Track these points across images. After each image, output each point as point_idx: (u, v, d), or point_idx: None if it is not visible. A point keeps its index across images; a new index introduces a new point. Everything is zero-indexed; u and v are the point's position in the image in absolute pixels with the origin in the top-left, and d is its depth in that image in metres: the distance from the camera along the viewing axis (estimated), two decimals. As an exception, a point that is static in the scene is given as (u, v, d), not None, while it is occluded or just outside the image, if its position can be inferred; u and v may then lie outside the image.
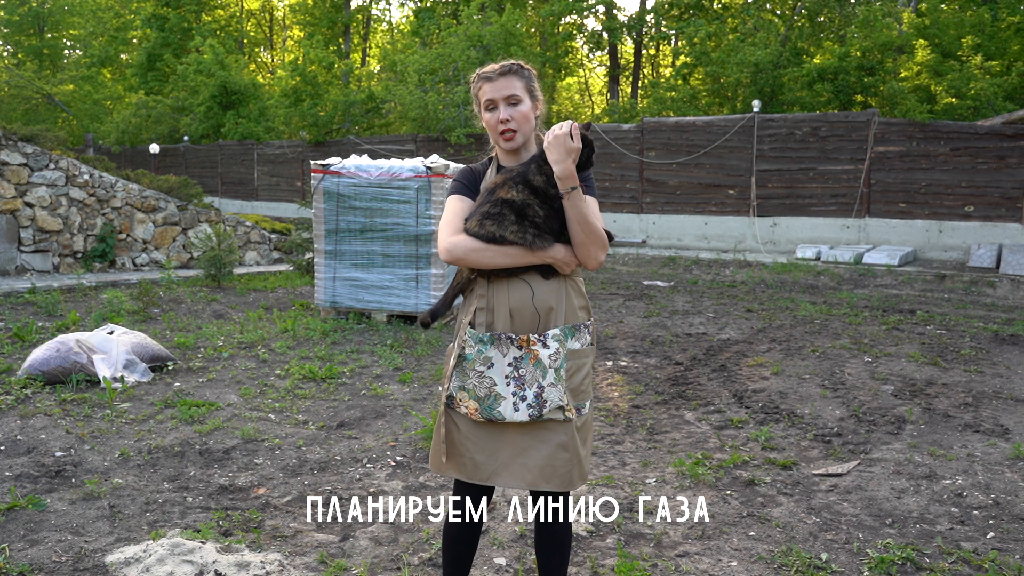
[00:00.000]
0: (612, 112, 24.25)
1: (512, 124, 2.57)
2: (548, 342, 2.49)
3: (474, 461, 2.56)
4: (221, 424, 5.16)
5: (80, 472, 4.31)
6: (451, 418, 2.59)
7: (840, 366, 6.85)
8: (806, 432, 5.14)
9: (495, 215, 2.48)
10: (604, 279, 12.97)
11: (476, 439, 2.56)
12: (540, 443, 2.52)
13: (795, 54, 19.94)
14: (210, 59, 28.79)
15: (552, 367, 2.49)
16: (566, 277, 2.57)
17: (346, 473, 4.41)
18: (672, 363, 7.11)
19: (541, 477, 2.52)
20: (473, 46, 22.15)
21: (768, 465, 4.55)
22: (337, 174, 8.55)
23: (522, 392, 2.49)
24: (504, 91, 2.57)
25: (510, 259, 2.48)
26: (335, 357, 7.05)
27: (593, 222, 2.49)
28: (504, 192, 2.50)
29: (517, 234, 2.46)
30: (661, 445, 4.94)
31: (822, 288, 11.86)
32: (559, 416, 2.50)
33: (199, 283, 11.25)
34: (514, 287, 2.52)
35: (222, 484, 4.20)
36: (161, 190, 12.79)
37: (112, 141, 30.65)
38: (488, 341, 2.50)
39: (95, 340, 6.13)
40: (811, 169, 16.49)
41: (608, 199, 19.04)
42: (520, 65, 2.62)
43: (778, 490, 4.19)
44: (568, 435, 2.52)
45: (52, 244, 11.59)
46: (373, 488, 4.20)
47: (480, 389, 2.51)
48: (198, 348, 7.32)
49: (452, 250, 2.49)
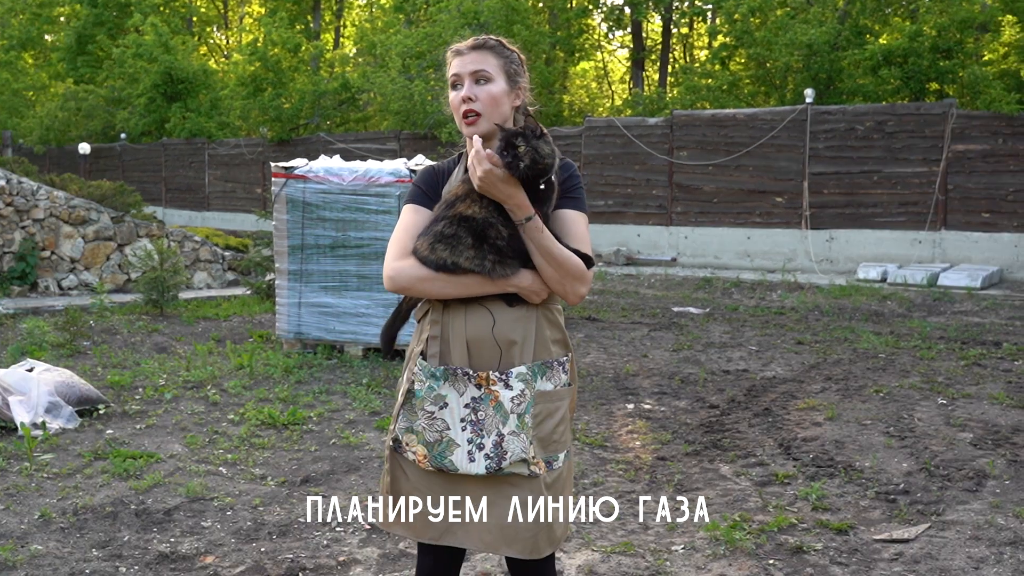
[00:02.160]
0: (635, 103, 24.45)
1: (476, 105, 2.58)
2: (511, 382, 2.50)
3: (424, 517, 2.59)
4: (162, 479, 5.21)
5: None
6: (398, 464, 2.63)
7: (908, 410, 6.89)
8: (866, 489, 5.17)
9: (449, 237, 2.49)
10: (625, 305, 13.04)
11: (428, 490, 2.58)
12: (502, 499, 2.54)
13: (856, 33, 20.11)
14: (152, 41, 29.10)
15: (515, 412, 2.50)
16: (539, 305, 2.58)
17: (311, 538, 4.45)
18: (706, 406, 7.15)
19: (502, 540, 2.54)
20: (468, 24, 22.38)
21: (820, 529, 4.59)
22: (303, 179, 8.65)
23: (479, 439, 2.50)
24: (472, 66, 2.60)
25: (465, 289, 2.50)
26: (300, 399, 7.10)
27: (558, 253, 2.48)
28: (464, 207, 2.51)
29: (473, 260, 2.47)
30: (691, 505, 4.97)
31: (888, 316, 11.91)
32: (523, 471, 2.51)
33: (138, 310, 11.33)
34: (472, 314, 2.54)
35: (162, 551, 4.24)
36: (93, 198, 12.92)
37: (35, 140, 30.94)
38: (441, 376, 2.52)
39: (11, 379, 6.19)
40: (875, 172, 16.60)
41: (631, 208, 19.16)
42: (500, 42, 2.67)
43: (831, 559, 4.22)
44: (534, 493, 2.53)
45: (-39, 263, 11.70)
46: (343, 556, 4.24)
47: (430, 432, 2.52)
48: (136, 388, 7.38)
49: (396, 278, 2.53)
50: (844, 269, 16.63)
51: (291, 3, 34.96)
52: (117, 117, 30.61)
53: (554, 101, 26.40)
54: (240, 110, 27.81)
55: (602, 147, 19.59)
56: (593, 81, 38.55)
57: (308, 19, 35.80)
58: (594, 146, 19.71)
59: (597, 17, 29.88)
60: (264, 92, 27.08)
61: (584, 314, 12.02)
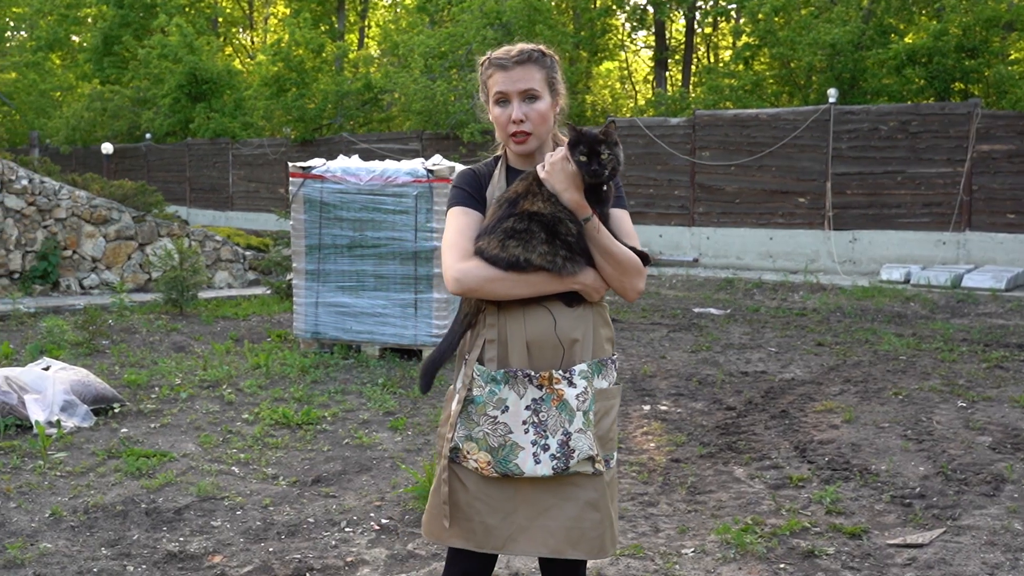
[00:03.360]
0: (658, 103, 24.37)
1: (526, 126, 2.58)
2: (575, 380, 2.50)
3: (485, 526, 2.55)
4: (174, 478, 5.22)
5: (3, 534, 4.38)
6: (456, 475, 2.58)
7: (927, 412, 6.81)
8: (881, 493, 5.12)
9: (521, 232, 2.47)
10: (646, 305, 12.98)
11: (488, 499, 2.55)
12: (565, 501, 2.52)
13: (881, 33, 19.96)
14: (177, 41, 29.27)
15: (580, 409, 2.50)
16: (593, 304, 2.59)
17: (320, 538, 4.44)
18: (722, 408, 7.10)
19: (567, 542, 2.51)
20: (490, 24, 22.37)
21: (833, 533, 4.54)
22: (320, 179, 8.66)
23: (544, 440, 2.49)
24: (520, 83, 2.57)
25: (532, 289, 2.49)
26: (315, 399, 7.11)
27: (618, 252, 2.51)
28: (528, 203, 2.49)
29: (546, 256, 2.47)
30: (704, 507, 4.94)
31: (911, 317, 11.80)
32: (588, 469, 2.51)
33: (157, 309, 11.39)
34: (532, 316, 2.52)
35: (171, 551, 4.25)
36: (114, 198, 13.00)
37: (61, 140, 31.19)
38: (502, 380, 2.50)
39: (28, 378, 6.23)
40: (899, 172, 16.45)
41: (652, 208, 19.09)
42: (542, 52, 2.63)
43: (843, 563, 4.18)
44: (599, 492, 2.53)
45: (-16, 262, 11.80)
46: (351, 557, 4.23)
47: (493, 438, 2.50)
48: (152, 387, 7.41)
49: (463, 279, 2.49)
50: (867, 270, 16.50)
51: (315, 4, 35.07)
52: (142, 117, 30.81)
53: (576, 101, 26.35)
54: (263, 110, 27.93)
55: (624, 147, 19.47)
56: (617, 82, 38.44)
57: (333, 20, 35.91)
58: (616, 146, 19.61)
59: (621, 17, 29.80)
60: (287, 92, 27.17)
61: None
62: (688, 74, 29.31)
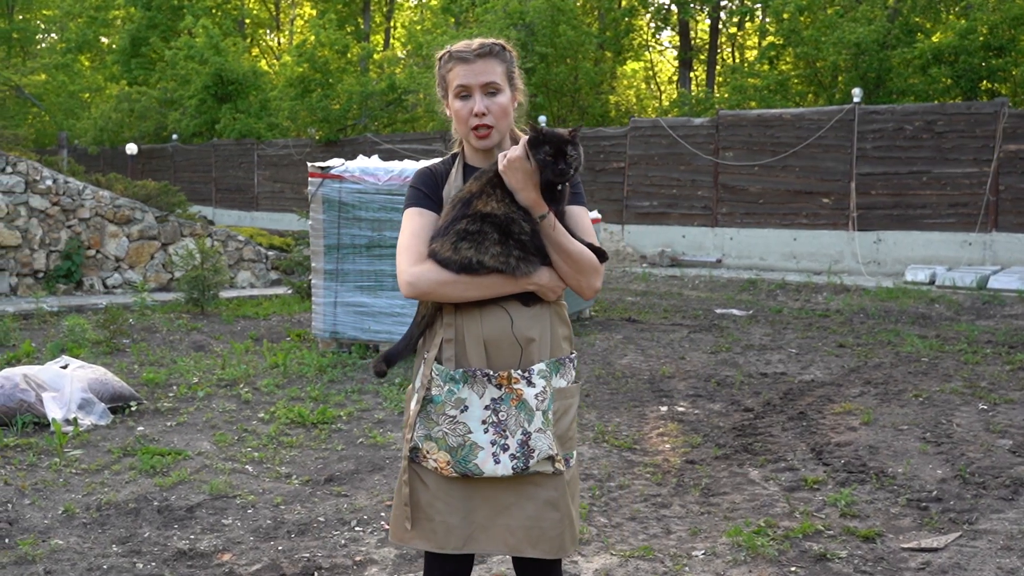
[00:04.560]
0: (683, 103, 24.28)
1: (488, 119, 2.58)
2: (533, 379, 2.50)
3: (446, 525, 2.55)
4: (187, 477, 5.24)
5: (15, 531, 4.40)
6: (417, 475, 2.59)
7: (947, 415, 6.73)
8: (897, 496, 5.05)
9: (474, 234, 2.47)
10: (667, 306, 12.92)
11: (448, 498, 2.55)
12: (525, 500, 2.52)
13: (906, 32, 19.79)
14: (203, 43, 29.45)
15: (540, 409, 2.50)
16: (550, 303, 2.59)
17: (329, 537, 4.44)
18: (740, 409, 7.05)
19: (527, 540, 2.52)
20: (514, 24, 22.38)
21: (846, 536, 4.48)
22: (339, 179, 8.68)
23: (503, 440, 2.49)
24: (482, 76, 2.57)
25: (487, 291, 2.49)
26: (331, 398, 7.12)
27: (574, 249, 2.50)
28: (482, 204, 2.49)
29: (499, 258, 2.46)
30: (717, 509, 4.90)
31: (935, 319, 11.68)
32: (548, 468, 2.51)
33: (179, 308, 11.46)
34: (489, 315, 2.52)
35: (180, 548, 4.26)
36: (137, 198, 13.09)
37: (89, 140, 31.45)
38: (461, 379, 2.50)
39: (46, 376, 6.27)
40: (924, 173, 16.30)
41: (675, 209, 19.03)
42: (502, 46, 2.64)
43: (855, 567, 4.12)
44: (558, 491, 2.54)
45: (9, 262, 11.91)
46: (360, 556, 4.22)
47: (452, 438, 2.50)
48: (170, 386, 7.44)
49: (416, 283, 2.49)
50: (892, 271, 16.35)
51: (341, 5, 35.22)
52: (169, 118, 31.04)
53: (600, 101, 26.30)
54: (289, 111, 28.04)
55: (647, 147, 19.47)
56: (642, 82, 38.33)
57: (358, 21, 36.04)
58: (639, 147, 19.59)
59: (646, 17, 29.70)
60: (312, 93, 27.27)
61: (624, 315, 11.93)
62: (712, 74, 29.19)
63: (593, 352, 9.37)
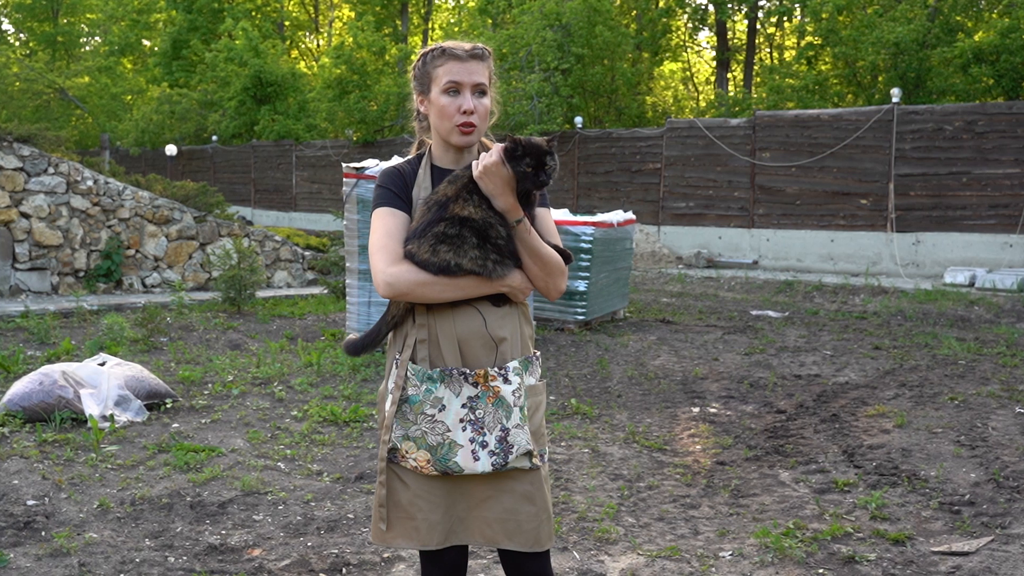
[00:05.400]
0: (719, 104, 24.15)
1: (474, 118, 2.61)
2: (509, 376, 2.55)
3: (428, 523, 2.59)
4: (220, 473, 5.30)
5: (52, 524, 4.48)
6: (395, 475, 2.62)
7: (983, 418, 6.65)
8: (929, 499, 5.01)
9: (453, 237, 2.50)
10: (703, 308, 12.87)
11: (429, 496, 2.59)
12: (501, 493, 2.58)
13: (947, 31, 19.56)
14: (242, 45, 29.74)
15: (517, 405, 2.55)
16: (517, 303, 2.65)
17: (358, 534, 4.48)
18: (773, 411, 7.02)
19: (503, 533, 2.58)
20: (550, 25, 22.37)
21: (875, 538, 4.45)
22: (373, 179, 8.73)
23: (482, 437, 2.52)
24: (475, 76, 2.62)
25: (462, 292, 2.53)
26: (364, 396, 7.17)
27: (545, 253, 2.56)
28: (459, 208, 2.52)
29: (477, 261, 2.50)
30: (746, 511, 4.88)
31: (975, 321, 11.55)
32: (525, 464, 2.57)
33: (216, 307, 11.58)
34: (461, 315, 2.56)
35: (212, 543, 4.31)
36: (176, 198, 13.25)
37: (131, 142, 31.87)
38: (438, 378, 2.52)
39: (84, 373, 6.37)
40: (964, 173, 16.10)
41: (712, 210, 18.94)
42: (490, 52, 2.70)
43: (884, 570, 4.09)
44: (534, 485, 2.60)
45: (51, 261, 12.10)
46: (388, 553, 4.26)
47: (431, 436, 2.53)
48: (205, 383, 7.53)
49: (395, 284, 2.51)
50: (931, 273, 16.17)
51: (379, 7, 35.41)
52: (209, 119, 31.38)
53: (637, 102, 26.23)
54: (326, 112, 28.24)
55: (683, 148, 19.41)
56: (680, 83, 38.17)
57: (396, 22, 36.22)
58: (675, 147, 19.53)
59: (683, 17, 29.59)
60: (350, 95, 27.45)
61: (659, 317, 11.91)
62: (750, 75, 29.01)
63: (626, 353, 9.36)
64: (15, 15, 42.70)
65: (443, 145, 2.68)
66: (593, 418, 6.77)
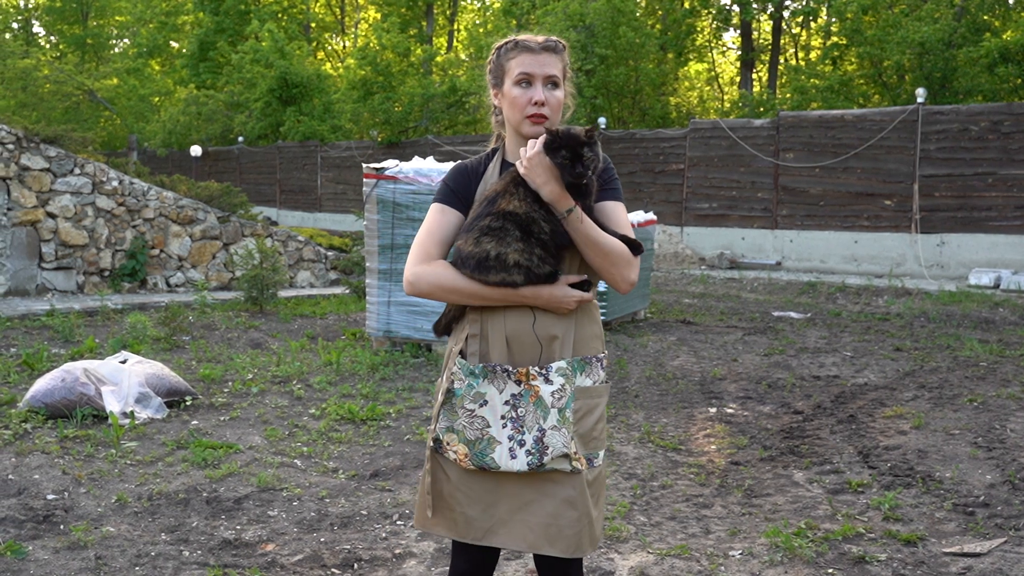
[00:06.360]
0: (744, 104, 24.07)
1: (546, 110, 2.59)
2: (551, 376, 2.50)
3: (466, 517, 2.58)
4: (237, 469, 5.36)
5: (70, 518, 4.55)
6: (439, 464, 2.63)
7: (1002, 420, 6.61)
8: (943, 500, 4.99)
9: (496, 230, 2.51)
10: (724, 309, 12.85)
11: (469, 490, 2.58)
12: (544, 497, 2.53)
13: (973, 30, 19.41)
14: (268, 47, 29.92)
15: (555, 407, 2.50)
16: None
17: (370, 531, 4.52)
18: (790, 411, 7.01)
19: (544, 538, 2.53)
20: (574, 26, 22.39)
21: (887, 539, 4.44)
22: (393, 180, 8.78)
23: (520, 436, 2.50)
24: (547, 68, 2.60)
25: (482, 302, 2.54)
26: (381, 395, 7.21)
27: (604, 241, 2.50)
28: (506, 202, 2.53)
29: (523, 253, 2.49)
30: (759, 511, 4.88)
31: (999, 323, 11.46)
32: (564, 466, 2.50)
33: (238, 307, 11.68)
34: (512, 312, 2.54)
35: (226, 538, 4.37)
36: (200, 199, 13.36)
37: (158, 143, 32.15)
38: (480, 374, 2.53)
39: (105, 370, 6.46)
40: (990, 174, 15.96)
41: (735, 211, 18.89)
42: (564, 45, 2.67)
43: (894, 570, 4.09)
44: (576, 489, 2.52)
45: (76, 260, 12.24)
46: (400, 549, 4.29)
47: (470, 431, 2.53)
48: (225, 382, 7.61)
49: (416, 283, 2.55)
50: (955, 275, 16.05)
51: (404, 8, 35.54)
52: (235, 121, 31.60)
53: (661, 103, 26.18)
54: (351, 113, 28.38)
55: (707, 149, 19.36)
56: (706, 84, 38.05)
57: (422, 24, 36.34)
58: (699, 148, 19.49)
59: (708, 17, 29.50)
60: (374, 96, 27.56)
61: (680, 317, 11.90)
62: (775, 75, 28.90)
63: (645, 353, 9.36)
64: (45, 18, 43.21)
65: (515, 138, 2.66)
66: (609, 417, 6.78)
